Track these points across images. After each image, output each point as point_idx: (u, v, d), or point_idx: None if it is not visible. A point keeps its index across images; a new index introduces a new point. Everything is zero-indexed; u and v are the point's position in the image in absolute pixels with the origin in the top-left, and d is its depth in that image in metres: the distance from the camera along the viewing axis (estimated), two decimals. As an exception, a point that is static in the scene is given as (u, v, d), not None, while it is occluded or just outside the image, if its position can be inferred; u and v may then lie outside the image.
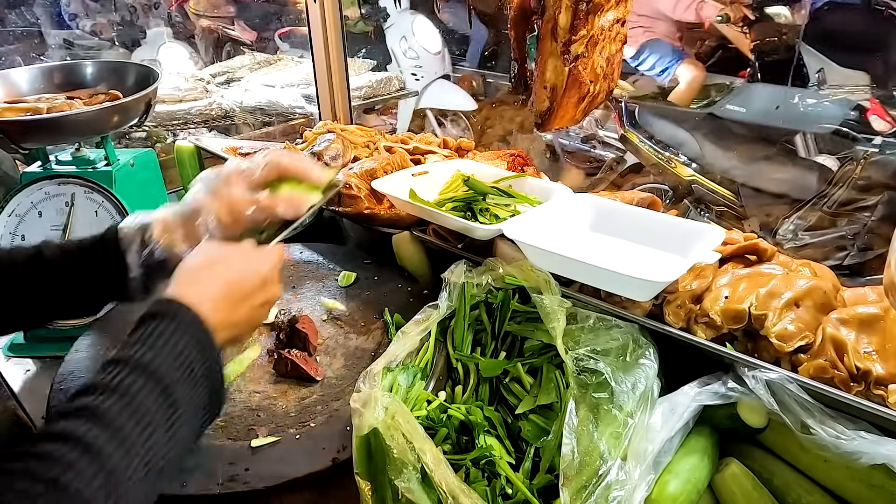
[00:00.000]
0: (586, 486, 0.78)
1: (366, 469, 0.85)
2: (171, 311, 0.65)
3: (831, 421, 0.81)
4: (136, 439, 0.55)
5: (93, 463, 0.51)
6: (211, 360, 0.66)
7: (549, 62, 1.10)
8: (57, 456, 0.51)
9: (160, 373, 0.60)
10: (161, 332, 0.63)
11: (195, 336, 0.65)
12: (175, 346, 0.63)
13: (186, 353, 0.63)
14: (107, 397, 0.56)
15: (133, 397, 0.57)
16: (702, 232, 1.09)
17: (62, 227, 1.34)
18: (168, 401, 0.59)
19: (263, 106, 2.88)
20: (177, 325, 0.64)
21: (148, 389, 0.58)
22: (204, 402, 0.65)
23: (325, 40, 1.94)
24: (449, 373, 1.05)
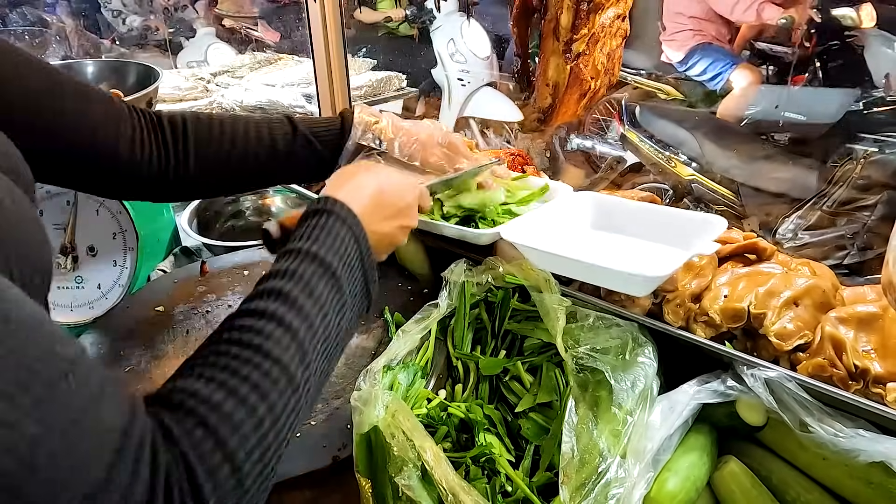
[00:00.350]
0: (585, 484, 0.78)
1: (366, 467, 0.85)
2: (330, 207, 0.70)
3: (830, 419, 0.81)
4: (315, 318, 0.61)
5: (286, 334, 0.57)
6: (365, 253, 0.71)
7: (552, 60, 1.10)
8: (258, 328, 0.56)
9: (328, 261, 0.65)
10: (323, 226, 0.68)
11: (352, 229, 0.70)
12: (336, 238, 0.68)
13: (346, 245, 0.68)
14: (287, 280, 0.61)
15: (308, 281, 0.62)
16: (703, 222, 1.09)
17: (64, 226, 1.34)
18: (336, 286, 0.65)
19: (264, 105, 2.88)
20: (335, 219, 0.69)
21: (319, 275, 0.64)
22: (362, 289, 0.71)
23: (326, 39, 1.95)
24: (449, 371, 1.05)
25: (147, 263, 1.44)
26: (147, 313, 1.20)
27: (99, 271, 1.36)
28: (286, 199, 1.85)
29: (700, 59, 3.64)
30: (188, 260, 1.55)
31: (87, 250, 1.35)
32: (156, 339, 1.13)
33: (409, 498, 0.79)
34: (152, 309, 1.22)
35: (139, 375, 1.04)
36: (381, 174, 0.80)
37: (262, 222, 1.81)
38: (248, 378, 0.52)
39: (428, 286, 1.26)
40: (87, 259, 1.35)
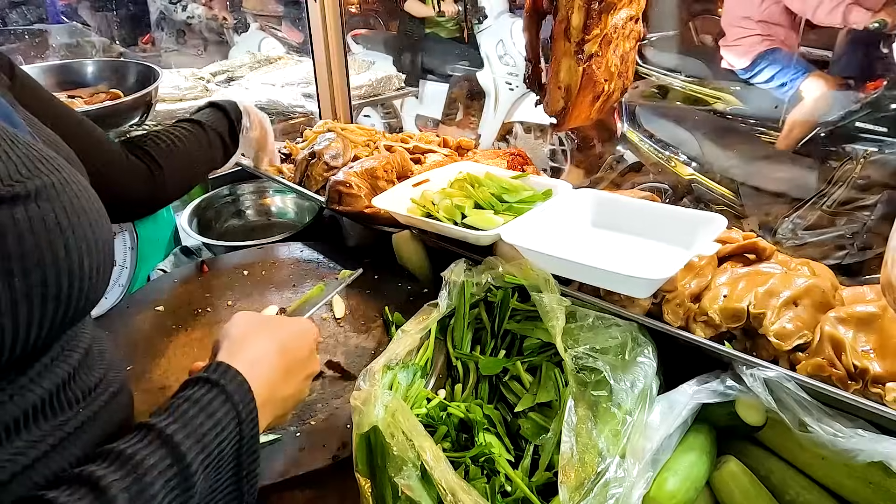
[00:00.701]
0: (585, 484, 0.78)
1: (366, 467, 0.85)
2: (218, 377, 0.60)
3: (829, 419, 0.82)
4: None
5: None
6: (245, 440, 0.60)
7: (563, 62, 1.10)
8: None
9: (182, 450, 0.54)
10: (198, 400, 0.58)
11: (236, 408, 0.59)
12: (209, 420, 0.57)
13: (221, 425, 0.58)
14: (115, 469, 0.51)
15: (141, 477, 0.51)
16: (704, 221, 1.09)
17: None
18: (183, 484, 0.53)
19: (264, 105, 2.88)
20: (218, 394, 0.59)
21: (163, 468, 0.53)
22: (230, 487, 0.59)
23: (325, 39, 1.95)
24: (449, 371, 1.05)
25: (147, 263, 1.44)
26: (147, 313, 1.20)
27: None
28: (285, 199, 1.85)
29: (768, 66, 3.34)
30: (188, 260, 1.55)
31: (86, 250, 1.35)
32: (155, 339, 1.13)
33: (408, 498, 0.79)
34: (152, 309, 1.22)
35: (139, 375, 1.04)
36: (277, 327, 0.72)
37: (262, 222, 1.81)
38: None
39: (427, 286, 1.27)
40: (87, 259, 1.35)
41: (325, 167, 1.53)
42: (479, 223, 1.18)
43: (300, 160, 1.59)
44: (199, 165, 1.19)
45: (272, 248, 1.43)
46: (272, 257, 1.39)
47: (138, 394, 1.00)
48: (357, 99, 2.99)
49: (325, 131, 1.72)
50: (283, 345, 0.70)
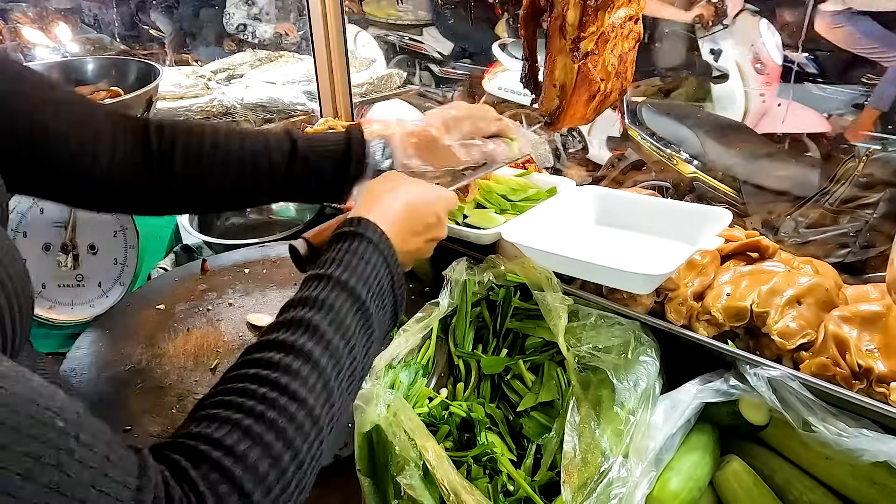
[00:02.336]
0: (588, 483, 0.78)
1: (367, 466, 0.85)
2: (362, 231, 0.69)
3: (833, 418, 0.81)
4: (342, 353, 0.59)
5: (313, 372, 0.55)
6: (396, 279, 0.71)
7: (558, 60, 1.09)
8: (284, 365, 0.54)
9: (358, 292, 0.64)
10: (355, 251, 0.67)
11: (383, 255, 0.69)
12: (367, 265, 0.67)
13: (377, 271, 0.67)
14: (316, 311, 0.60)
15: (337, 313, 0.61)
16: (708, 216, 1.09)
17: (64, 223, 1.34)
18: (365, 318, 0.64)
19: (264, 103, 2.88)
20: (367, 244, 0.68)
21: (349, 307, 0.62)
22: (390, 316, 0.71)
23: (326, 36, 1.94)
24: (450, 370, 1.05)
25: (148, 261, 1.43)
26: (148, 311, 1.20)
27: (100, 269, 1.36)
28: (287, 197, 1.85)
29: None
30: (189, 258, 1.55)
31: (87, 248, 1.35)
32: (157, 337, 1.13)
33: (410, 497, 0.79)
34: (153, 307, 1.21)
35: (140, 373, 1.04)
36: (409, 189, 0.79)
37: (263, 220, 1.81)
38: (274, 424, 0.50)
39: (429, 285, 1.26)
40: (88, 257, 1.35)
41: (326, 165, 1.52)
42: (481, 222, 1.18)
43: (301, 158, 1.59)
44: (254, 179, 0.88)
45: (273, 247, 1.43)
46: (273, 255, 1.39)
47: (138, 392, 1.00)
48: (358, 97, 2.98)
49: (327, 129, 1.71)
50: (411, 206, 0.77)
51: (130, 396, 0.99)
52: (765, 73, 3.46)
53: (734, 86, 3.54)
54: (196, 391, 1.00)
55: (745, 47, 3.51)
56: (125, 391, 1.00)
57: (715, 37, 3.61)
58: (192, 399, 0.98)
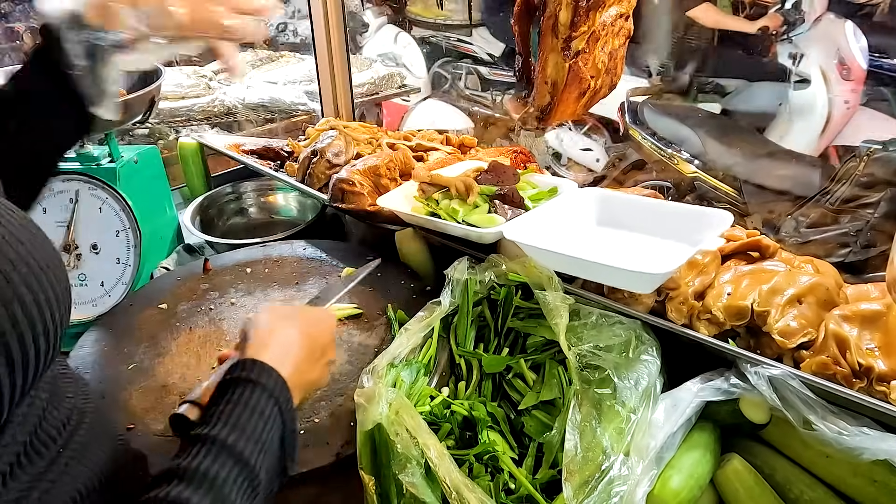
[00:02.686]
0: (589, 482, 0.78)
1: (370, 464, 0.85)
2: (256, 377, 0.65)
3: (833, 417, 0.81)
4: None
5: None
6: (288, 429, 0.65)
7: (550, 58, 1.10)
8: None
9: (245, 455, 0.59)
10: (246, 402, 0.62)
11: (278, 402, 0.65)
12: (259, 419, 0.62)
13: (269, 425, 0.63)
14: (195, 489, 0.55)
15: (220, 489, 0.56)
16: (708, 217, 1.09)
17: (66, 223, 1.34)
18: (251, 486, 0.59)
19: (266, 103, 2.88)
20: (260, 393, 0.64)
21: (234, 476, 0.58)
22: (279, 469, 0.65)
23: (328, 37, 1.94)
24: (452, 369, 1.05)
25: (150, 261, 1.44)
26: (150, 311, 1.20)
27: (102, 269, 1.36)
28: (287, 197, 1.85)
29: None
30: (191, 257, 1.55)
31: (90, 248, 1.35)
32: (159, 337, 1.13)
33: (412, 495, 0.79)
34: (156, 306, 1.22)
35: (142, 373, 1.04)
36: (301, 319, 0.76)
37: (265, 220, 1.81)
38: None
39: (431, 284, 1.26)
40: (91, 256, 1.36)
41: (327, 165, 1.53)
42: (482, 221, 1.18)
43: (303, 158, 1.59)
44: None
45: (275, 246, 1.43)
46: (275, 255, 1.39)
47: (140, 391, 1.00)
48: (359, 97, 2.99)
49: (328, 129, 1.72)
50: (306, 333, 0.74)
51: (133, 395, 0.99)
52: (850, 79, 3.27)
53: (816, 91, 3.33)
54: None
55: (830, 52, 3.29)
56: (128, 390, 1.00)
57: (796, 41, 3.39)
58: (195, 398, 0.98)
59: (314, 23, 1.94)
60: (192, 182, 1.85)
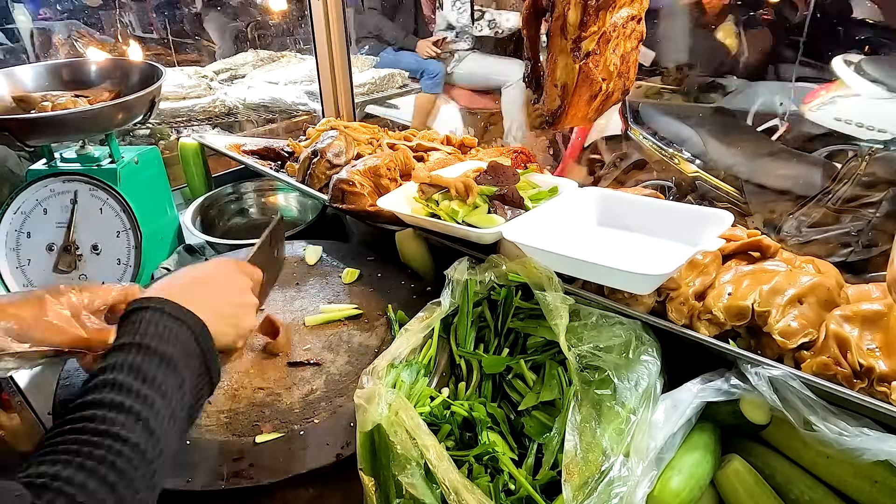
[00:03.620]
0: (589, 482, 0.78)
1: (369, 465, 0.85)
2: (142, 304, 0.71)
3: (834, 418, 0.81)
4: (155, 398, 0.62)
5: (129, 416, 0.59)
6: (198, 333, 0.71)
7: (560, 60, 1.09)
8: (101, 416, 0.58)
9: (160, 350, 0.66)
10: (141, 320, 0.68)
11: (171, 315, 0.70)
12: (158, 325, 0.68)
13: (171, 329, 0.69)
14: (118, 372, 0.62)
15: (140, 368, 0.64)
16: (709, 217, 1.09)
17: (67, 223, 1.35)
18: (171, 369, 0.66)
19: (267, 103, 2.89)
20: (152, 312, 0.69)
21: (153, 363, 0.65)
22: (200, 365, 0.71)
23: (328, 37, 1.94)
24: (452, 369, 1.05)
25: (151, 261, 1.44)
26: (151, 311, 1.20)
27: (103, 269, 1.36)
28: (288, 197, 1.85)
29: None
30: (192, 258, 1.55)
31: (90, 248, 1.36)
32: (159, 337, 1.13)
33: (412, 496, 0.79)
34: (156, 307, 1.22)
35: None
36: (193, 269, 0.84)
37: (265, 221, 1.81)
38: (105, 459, 0.55)
39: (431, 284, 1.26)
40: (92, 257, 1.36)
41: (327, 165, 1.53)
42: (482, 222, 1.18)
43: (303, 158, 1.59)
44: None
45: (275, 247, 1.43)
46: (275, 255, 1.39)
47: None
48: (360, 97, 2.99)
49: (328, 129, 1.72)
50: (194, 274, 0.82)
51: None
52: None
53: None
54: (199, 391, 1.00)
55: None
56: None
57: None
58: (195, 398, 0.98)
59: (314, 23, 1.94)
60: (193, 182, 1.85)
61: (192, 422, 0.70)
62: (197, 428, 0.93)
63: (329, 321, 1.17)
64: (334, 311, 1.18)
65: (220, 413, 0.96)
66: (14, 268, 1.34)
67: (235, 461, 0.87)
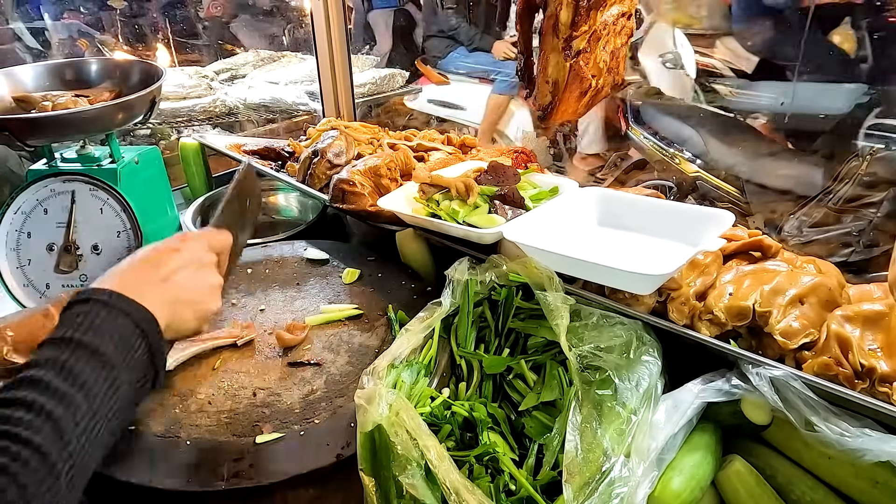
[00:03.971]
0: (589, 483, 0.78)
1: (370, 465, 0.85)
2: (83, 297, 0.68)
3: (835, 418, 0.81)
4: (76, 397, 0.60)
5: (39, 417, 0.57)
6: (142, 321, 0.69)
7: (551, 57, 1.10)
8: (7, 416, 0.56)
9: (93, 345, 0.63)
10: (78, 313, 0.66)
11: (115, 307, 0.67)
12: (95, 318, 0.65)
13: (114, 322, 0.66)
14: (41, 368, 0.60)
15: (67, 365, 0.61)
16: (710, 217, 1.09)
17: (67, 223, 1.34)
18: (104, 366, 0.63)
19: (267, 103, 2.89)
20: (92, 304, 0.67)
21: (83, 359, 0.62)
22: (143, 356, 0.68)
23: (329, 37, 1.94)
24: (452, 370, 1.05)
25: (151, 261, 1.44)
26: (151, 311, 1.20)
27: (103, 269, 1.35)
28: (288, 197, 1.85)
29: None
30: (192, 258, 1.55)
31: (91, 248, 1.35)
32: (160, 338, 1.13)
33: (412, 497, 0.79)
34: (156, 307, 1.22)
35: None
36: (153, 248, 0.79)
37: (265, 221, 1.81)
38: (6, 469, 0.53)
39: (431, 284, 1.26)
40: (92, 257, 1.36)
41: (328, 165, 1.53)
42: (482, 222, 1.18)
43: (303, 158, 1.59)
44: None
45: (276, 247, 1.43)
46: (276, 255, 1.39)
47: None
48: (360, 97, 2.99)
49: (329, 129, 1.72)
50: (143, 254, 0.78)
51: (134, 396, 0.99)
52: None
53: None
54: (198, 391, 1.00)
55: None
56: (128, 391, 1.00)
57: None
58: (195, 399, 0.98)
59: (315, 23, 1.94)
60: (194, 182, 1.85)
61: (130, 417, 0.67)
62: (197, 428, 0.92)
63: (329, 321, 1.16)
64: (335, 312, 1.18)
65: (220, 413, 0.96)
66: (14, 268, 1.34)
67: (236, 461, 0.87)
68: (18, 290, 1.34)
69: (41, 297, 1.36)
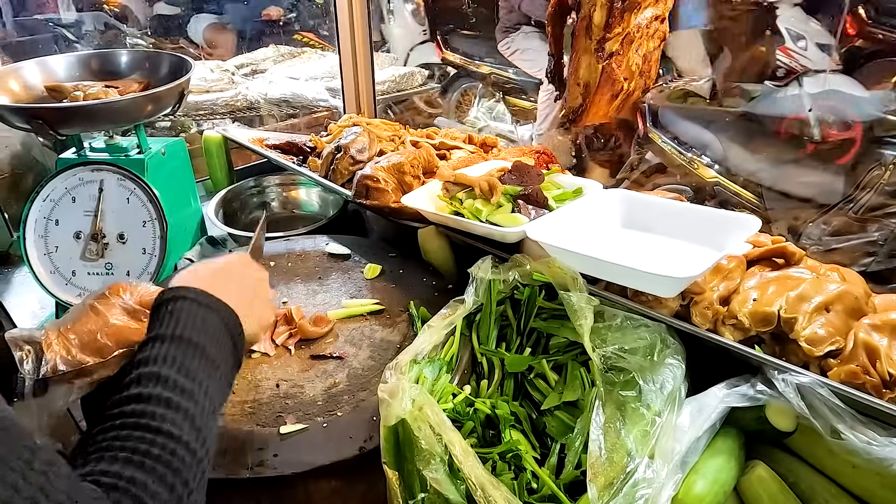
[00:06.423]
0: (614, 483, 0.78)
1: (393, 459, 0.86)
2: (171, 295, 0.72)
3: (862, 427, 0.80)
4: (197, 392, 0.64)
5: (178, 413, 0.61)
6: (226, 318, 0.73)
7: (583, 59, 1.10)
8: (150, 412, 0.59)
9: (195, 340, 0.67)
10: (173, 311, 0.69)
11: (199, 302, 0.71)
12: (189, 315, 0.69)
13: (202, 317, 0.70)
14: (160, 364, 0.63)
15: (179, 360, 0.65)
16: (735, 222, 1.08)
17: (94, 212, 1.36)
18: (207, 360, 0.67)
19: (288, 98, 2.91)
20: (183, 301, 0.70)
21: (190, 354, 0.66)
22: (231, 354, 0.73)
23: (352, 34, 1.95)
24: (473, 367, 1.06)
25: (174, 252, 1.45)
26: (175, 301, 1.22)
27: (128, 258, 1.38)
28: (309, 192, 1.86)
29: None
30: (214, 249, 1.57)
31: (117, 237, 1.37)
32: (184, 327, 1.14)
33: (436, 490, 0.79)
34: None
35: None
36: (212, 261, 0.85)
37: (287, 215, 1.83)
38: (161, 458, 0.56)
39: (452, 281, 1.27)
40: (118, 246, 1.38)
41: (351, 161, 1.54)
42: (505, 221, 1.18)
43: (326, 154, 1.60)
44: None
45: (298, 240, 1.44)
46: (298, 249, 1.40)
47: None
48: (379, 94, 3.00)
49: (351, 125, 1.72)
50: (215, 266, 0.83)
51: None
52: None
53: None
54: (223, 380, 1.01)
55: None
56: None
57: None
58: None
59: (339, 18, 1.95)
60: (216, 175, 1.87)
61: (224, 401, 0.72)
62: (221, 417, 0.94)
63: (351, 315, 1.17)
64: (356, 306, 1.19)
65: (244, 403, 0.97)
66: (42, 254, 1.37)
67: (259, 451, 0.88)
68: (45, 276, 1.37)
69: (67, 283, 1.38)
